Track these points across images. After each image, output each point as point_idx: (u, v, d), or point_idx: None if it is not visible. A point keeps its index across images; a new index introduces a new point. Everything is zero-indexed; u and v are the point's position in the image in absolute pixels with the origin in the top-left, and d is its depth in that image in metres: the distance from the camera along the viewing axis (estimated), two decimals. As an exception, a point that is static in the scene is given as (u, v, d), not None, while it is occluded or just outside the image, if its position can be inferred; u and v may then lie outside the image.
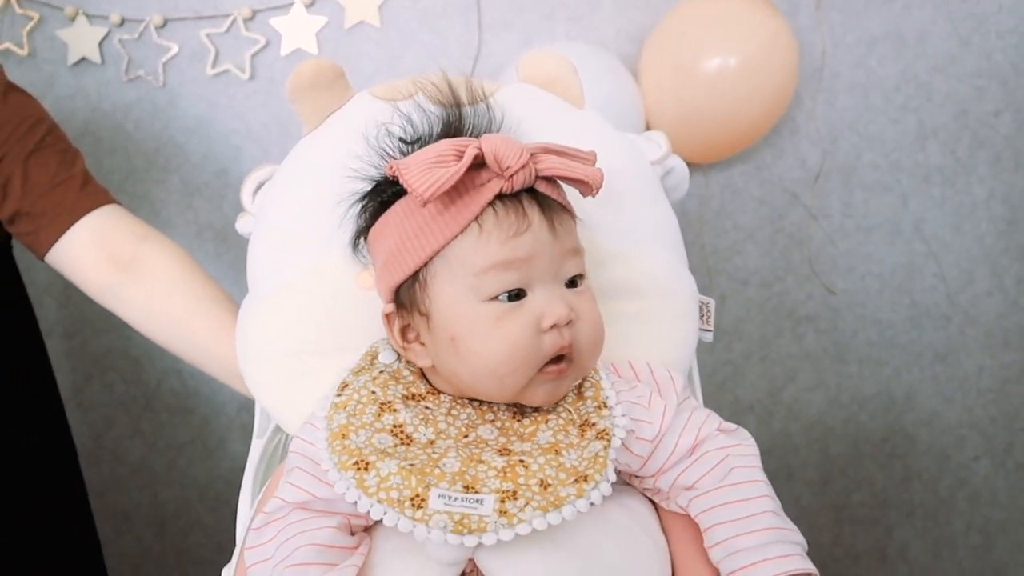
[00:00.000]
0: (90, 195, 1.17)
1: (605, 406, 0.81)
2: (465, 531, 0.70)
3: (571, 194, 0.82)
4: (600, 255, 0.93)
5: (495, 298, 0.77)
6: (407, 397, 0.82)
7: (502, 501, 0.72)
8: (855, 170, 1.78)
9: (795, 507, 1.91)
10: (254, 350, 0.97)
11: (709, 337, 1.01)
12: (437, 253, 0.78)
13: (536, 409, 0.83)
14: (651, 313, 0.96)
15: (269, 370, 0.96)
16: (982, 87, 1.74)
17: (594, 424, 0.80)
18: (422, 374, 0.85)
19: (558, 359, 0.79)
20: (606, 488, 0.74)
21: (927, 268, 1.83)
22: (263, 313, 0.97)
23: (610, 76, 1.55)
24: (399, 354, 0.86)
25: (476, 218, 0.76)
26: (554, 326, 0.77)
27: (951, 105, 1.75)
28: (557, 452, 0.77)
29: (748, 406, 1.90)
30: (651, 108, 1.60)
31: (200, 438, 1.80)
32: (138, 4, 1.62)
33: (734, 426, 0.87)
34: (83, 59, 1.63)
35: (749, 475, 0.82)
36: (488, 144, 0.75)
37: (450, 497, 0.72)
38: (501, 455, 0.76)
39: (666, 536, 0.85)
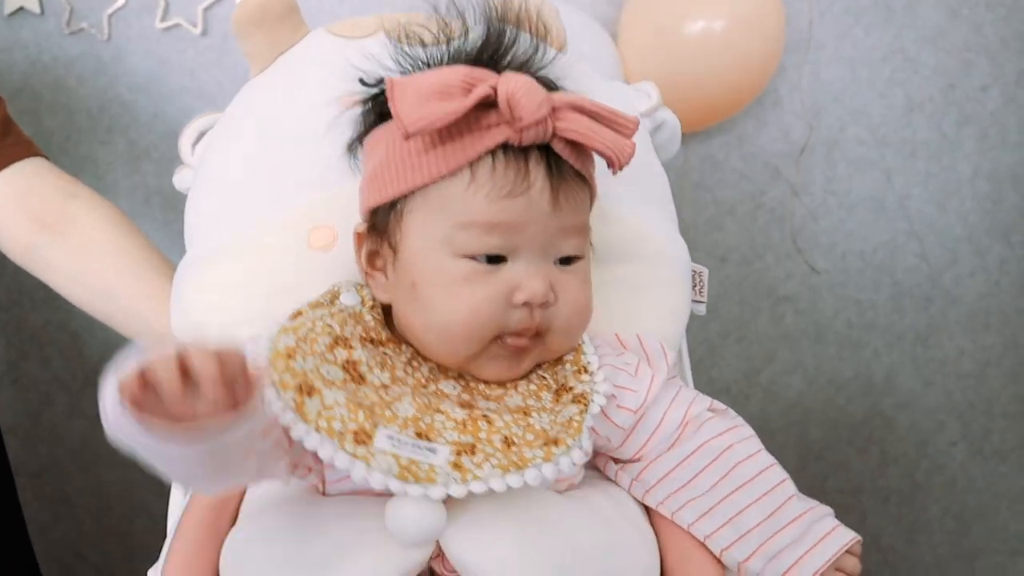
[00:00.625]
0: (11, 146, 1.05)
1: (586, 371, 0.73)
2: (411, 478, 0.61)
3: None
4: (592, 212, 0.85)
5: (471, 257, 0.68)
6: (365, 339, 0.72)
7: (458, 454, 0.63)
8: (839, 144, 1.71)
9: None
10: (190, 321, 0.86)
11: (702, 309, 0.93)
12: (419, 189, 0.69)
13: None
14: (639, 280, 0.88)
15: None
16: (970, 61, 1.68)
17: (571, 388, 0.71)
18: (385, 322, 0.76)
19: (518, 335, 0.70)
20: (579, 456, 0.66)
21: (910, 247, 1.77)
22: (201, 278, 0.86)
23: (587, 36, 1.46)
24: (362, 286, 0.77)
25: (471, 164, 0.67)
26: (526, 304, 0.68)
27: (938, 79, 1.69)
28: (526, 414, 0.68)
29: (724, 387, 1.83)
30: (630, 72, 1.51)
31: (146, 418, 1.69)
32: (81, -51, 1.50)
33: (723, 406, 0.79)
34: (21, 9, 1.50)
35: (755, 465, 0.74)
36: (506, 85, 0.65)
37: (399, 440, 0.62)
38: (463, 408, 0.68)
39: (656, 532, 0.77)
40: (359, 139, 0.77)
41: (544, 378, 0.73)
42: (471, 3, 0.75)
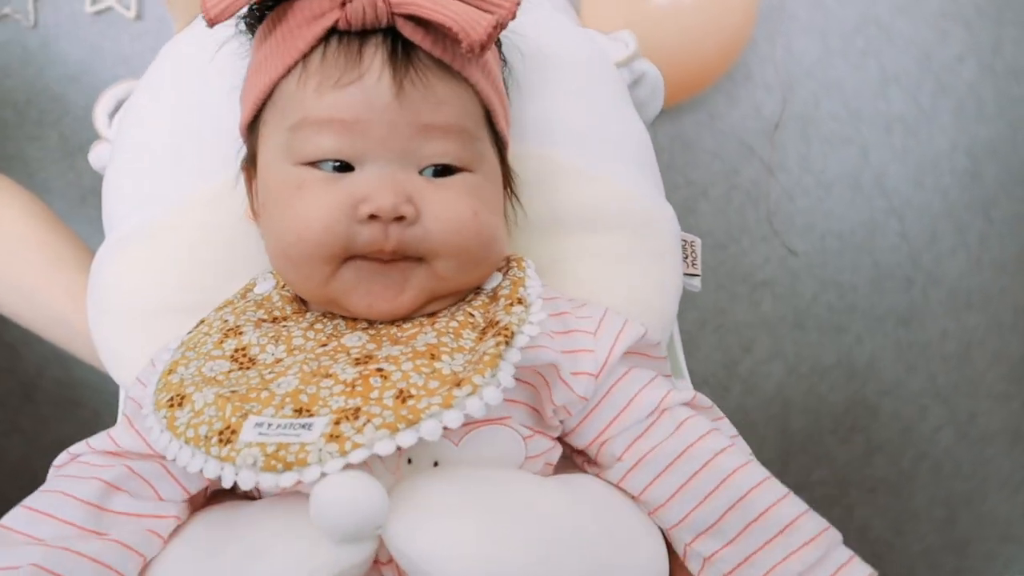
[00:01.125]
0: None
1: (519, 302, 0.61)
2: (279, 466, 0.50)
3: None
4: (551, 172, 0.75)
5: (314, 164, 0.60)
6: (263, 320, 0.64)
7: (337, 423, 0.52)
8: (813, 120, 1.64)
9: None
10: (111, 308, 0.76)
11: (696, 284, 0.83)
12: (268, 95, 0.62)
13: (427, 313, 0.63)
14: (622, 251, 0.76)
15: (125, 335, 0.75)
16: (946, 30, 1.62)
17: (498, 322, 0.59)
18: (296, 299, 0.67)
19: (391, 259, 0.61)
20: (492, 395, 0.53)
21: (889, 226, 1.71)
22: (120, 260, 0.76)
23: (547, 3, 1.38)
24: (280, 279, 0.69)
25: (304, 56, 0.60)
26: (375, 217, 0.58)
27: (913, 49, 1.63)
28: (433, 357, 0.57)
29: (703, 380, 1.75)
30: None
31: (89, 434, 1.55)
32: (1, -72, 1.39)
33: (709, 402, 0.67)
34: (-64, -6, 1.40)
35: (751, 476, 0.61)
36: None
37: (269, 425, 0.52)
38: (356, 364, 0.57)
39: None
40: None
41: (471, 315, 0.62)
42: None
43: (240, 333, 0.62)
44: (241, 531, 0.57)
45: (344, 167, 0.60)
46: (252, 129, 0.66)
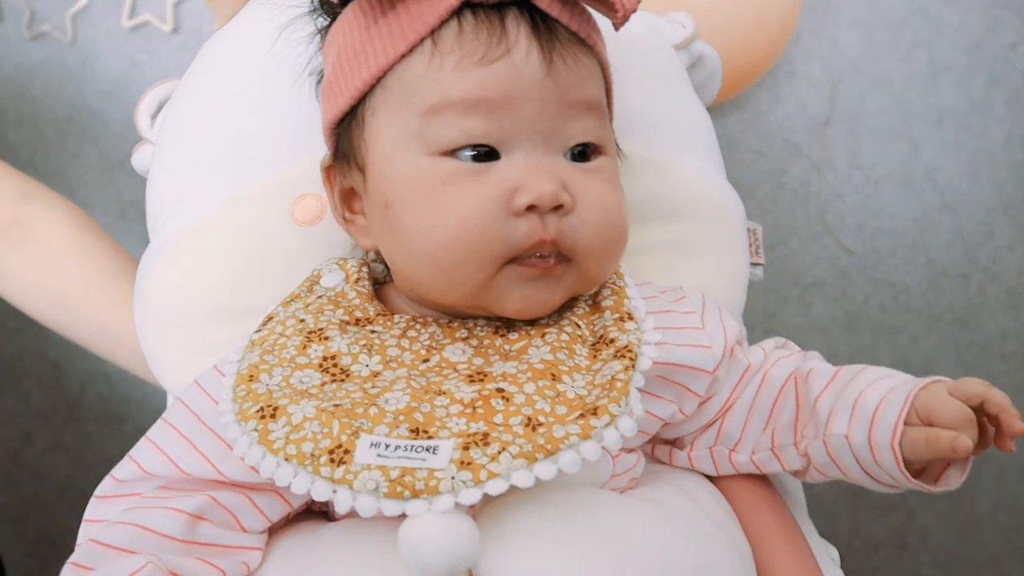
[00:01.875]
0: None
1: (630, 317, 0.59)
2: (407, 493, 0.47)
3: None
4: (623, 161, 0.72)
5: (452, 153, 0.55)
6: (347, 323, 0.59)
7: (465, 448, 0.48)
8: (861, 115, 1.59)
9: (809, 495, 1.72)
10: (155, 315, 0.73)
11: (760, 273, 0.80)
12: (379, 80, 0.56)
13: (530, 322, 0.59)
14: (691, 241, 0.75)
15: (175, 341, 0.72)
16: (996, 18, 1.57)
17: (613, 340, 0.57)
18: (374, 295, 0.63)
19: (542, 256, 0.56)
20: (627, 426, 0.51)
21: (943, 222, 1.66)
22: (167, 264, 0.74)
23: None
24: (347, 260, 0.65)
25: (432, 32, 0.54)
26: (532, 208, 0.54)
27: (963, 39, 1.57)
28: (555, 377, 0.54)
29: (753, 385, 1.71)
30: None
31: (134, 450, 1.57)
32: (39, -54, 1.39)
33: (783, 340, 0.70)
34: (-24, 15, 1.40)
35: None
36: None
37: (386, 446, 0.49)
38: (471, 382, 0.53)
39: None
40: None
41: (578, 327, 0.59)
42: None
43: (326, 338, 0.58)
44: (322, 563, 0.54)
45: (486, 156, 0.55)
46: (346, 123, 0.61)
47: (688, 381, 0.61)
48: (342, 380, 0.55)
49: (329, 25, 0.63)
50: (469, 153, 0.55)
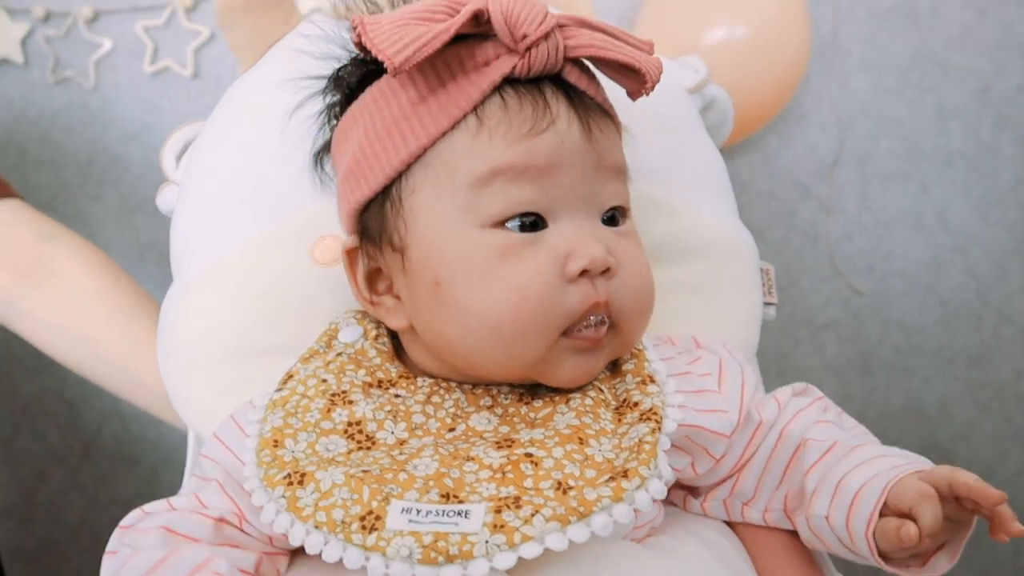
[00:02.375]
0: None
1: (651, 380, 0.60)
2: (440, 558, 0.47)
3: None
4: (633, 204, 0.74)
5: (501, 224, 0.55)
6: (370, 385, 0.60)
7: (497, 511, 0.49)
8: (871, 157, 1.61)
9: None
10: (177, 353, 0.74)
11: (773, 313, 0.81)
12: (417, 158, 0.56)
13: (554, 388, 0.60)
14: (706, 281, 0.76)
15: (197, 379, 0.73)
16: (1003, 61, 1.59)
17: (636, 404, 0.57)
18: (395, 353, 0.63)
19: (595, 323, 0.57)
20: (657, 489, 0.52)
21: (954, 263, 1.66)
22: (190, 303, 0.75)
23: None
24: (368, 324, 0.65)
25: (475, 108, 0.55)
26: (585, 272, 0.55)
27: (971, 82, 1.59)
28: (582, 441, 0.54)
29: (767, 426, 1.70)
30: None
31: (148, 491, 1.56)
32: (64, -5, 1.43)
33: (803, 384, 0.68)
34: (4, 60, 1.44)
35: (854, 426, 0.64)
36: (497, 2, 0.53)
37: (418, 511, 0.49)
38: (500, 448, 0.54)
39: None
40: (327, 147, 0.66)
41: (601, 390, 0.60)
42: None
43: (350, 402, 0.58)
44: None
45: (532, 225, 0.56)
46: (376, 204, 0.60)
47: (707, 444, 0.62)
48: (368, 448, 0.56)
49: (341, 103, 0.64)
50: (518, 223, 0.56)
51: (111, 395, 1.55)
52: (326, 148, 0.67)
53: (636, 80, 0.58)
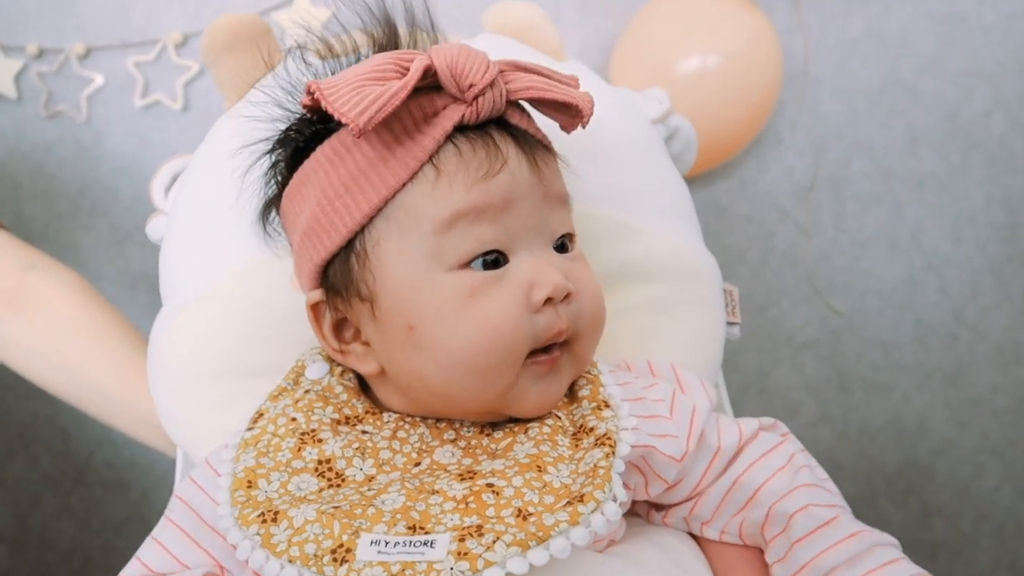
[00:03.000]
0: None
1: (606, 405, 0.63)
2: None
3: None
4: (597, 229, 0.77)
5: (466, 265, 0.58)
6: (339, 422, 0.62)
7: (461, 540, 0.52)
8: (845, 180, 1.65)
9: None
10: (167, 373, 0.78)
11: (737, 332, 0.84)
12: (379, 211, 0.59)
13: (511, 419, 0.63)
14: (667, 302, 0.79)
15: (186, 398, 0.77)
16: (970, 86, 1.63)
17: (592, 429, 0.60)
18: (360, 389, 0.66)
19: (548, 347, 0.60)
20: (612, 511, 0.55)
21: (929, 282, 1.70)
22: (179, 327, 0.78)
23: (582, 81, 1.42)
24: (333, 361, 0.67)
25: (431, 157, 0.58)
26: (549, 300, 0.58)
27: (940, 107, 1.64)
28: (540, 469, 0.57)
29: (749, 444, 1.73)
30: (625, 118, 1.47)
31: (140, 515, 1.59)
32: (57, 32, 1.47)
33: (771, 420, 0.70)
34: (-3, 95, 1.47)
35: (813, 476, 0.65)
36: (441, 56, 0.57)
37: (386, 543, 0.52)
38: (463, 480, 0.57)
39: None
40: (273, 204, 0.68)
41: (558, 417, 0.63)
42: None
43: (319, 440, 0.61)
44: None
45: (493, 263, 0.59)
46: (339, 259, 0.63)
47: (659, 468, 0.64)
48: (338, 485, 0.59)
49: (288, 160, 0.65)
50: (481, 262, 0.59)
51: (80, 409, 1.58)
52: (272, 204, 0.69)
53: (571, 115, 0.62)
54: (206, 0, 1.49)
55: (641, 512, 0.71)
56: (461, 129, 0.59)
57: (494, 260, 0.59)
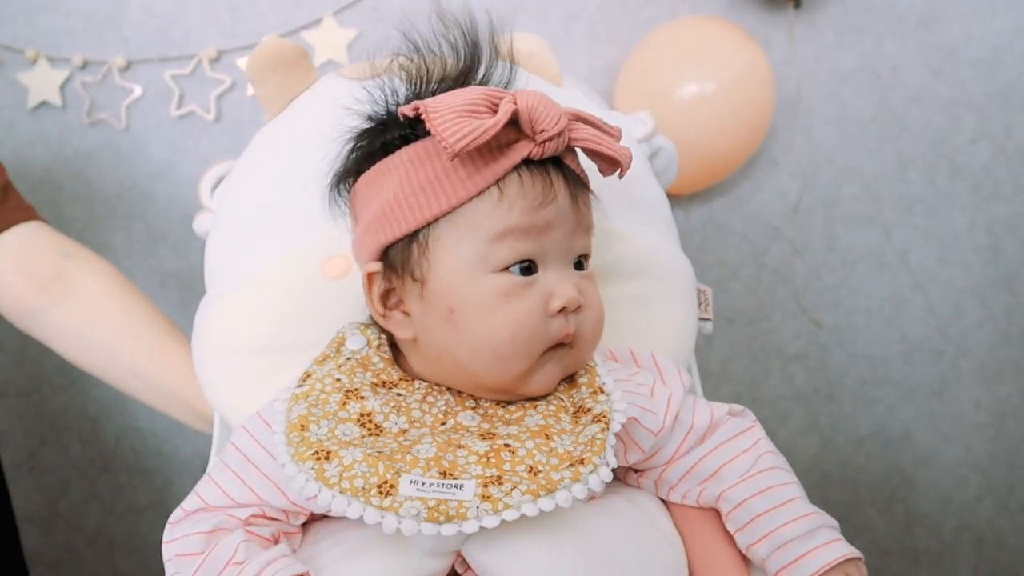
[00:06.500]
0: (10, 211, 1.08)
1: (602, 391, 0.75)
2: (441, 518, 0.62)
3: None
4: (600, 232, 0.88)
5: (505, 269, 0.70)
6: (377, 385, 0.74)
7: (485, 486, 0.64)
8: (836, 202, 1.75)
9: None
10: (212, 347, 0.89)
11: (709, 327, 0.94)
12: (446, 214, 0.70)
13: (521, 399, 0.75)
14: (647, 296, 0.90)
15: (228, 370, 0.88)
16: (957, 116, 1.73)
17: (589, 409, 0.73)
18: (394, 360, 0.77)
19: (556, 345, 0.72)
20: (605, 473, 0.67)
21: (915, 300, 1.79)
22: (223, 309, 0.90)
23: (585, 104, 1.52)
24: (374, 324, 0.78)
25: (498, 181, 0.69)
26: (563, 310, 0.71)
27: (928, 135, 1.73)
28: (548, 437, 0.69)
29: (740, 451, 1.82)
30: (628, 138, 1.57)
31: (162, 501, 1.69)
32: (101, 46, 1.58)
33: (740, 407, 0.81)
34: (44, 103, 1.58)
35: (775, 460, 0.77)
36: (524, 101, 0.68)
37: (424, 483, 0.64)
38: (484, 439, 0.69)
39: (682, 535, 0.78)
40: (347, 177, 0.78)
41: (561, 399, 0.74)
42: (456, 38, 0.77)
43: (361, 397, 0.72)
44: (339, 534, 0.71)
45: (528, 269, 0.70)
46: (402, 245, 0.72)
47: (638, 439, 0.76)
48: (377, 434, 0.69)
49: (376, 151, 0.75)
50: (519, 268, 0.70)
51: (130, 411, 1.68)
52: (344, 175, 0.78)
53: (612, 165, 0.73)
54: (240, 19, 1.60)
55: (619, 475, 0.81)
56: (526, 162, 0.70)
57: (527, 268, 0.71)
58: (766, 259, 1.76)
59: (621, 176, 0.74)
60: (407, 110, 0.69)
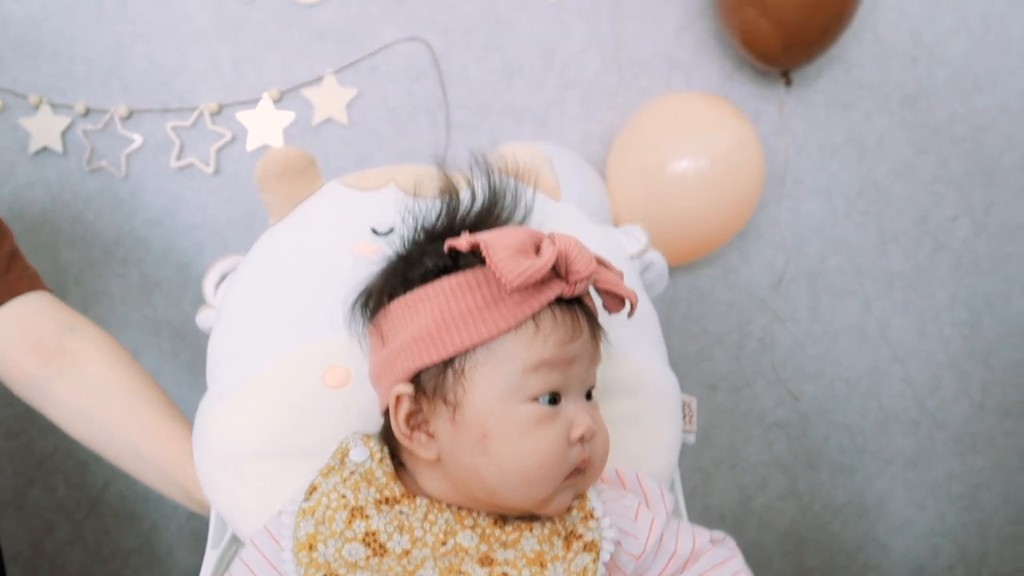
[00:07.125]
0: (15, 280, 1.09)
1: (592, 516, 0.78)
2: None
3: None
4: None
5: (535, 399, 0.74)
6: (380, 501, 0.76)
7: None
8: (820, 274, 1.79)
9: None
10: (212, 449, 0.90)
11: (692, 439, 0.98)
12: (485, 343, 0.74)
13: (519, 516, 0.78)
14: (639, 414, 0.93)
15: (228, 472, 0.88)
16: (940, 192, 1.77)
17: (581, 536, 0.76)
18: (395, 475, 0.80)
19: (574, 471, 0.76)
20: None
21: (894, 373, 1.83)
22: (224, 410, 0.90)
23: (578, 173, 1.56)
24: (377, 435, 0.81)
25: (533, 316, 0.73)
26: (581, 438, 0.75)
27: (911, 210, 1.78)
28: (542, 564, 0.73)
29: (719, 515, 1.84)
30: (619, 208, 1.61)
31: (148, 546, 1.70)
32: (104, 95, 1.61)
33: (721, 534, 0.84)
34: (45, 148, 1.61)
35: None
36: (562, 244, 0.72)
37: None
38: (483, 565, 0.72)
39: None
40: (376, 297, 0.80)
41: (554, 522, 0.78)
42: (472, 161, 0.81)
43: (366, 516, 0.75)
44: None
45: (554, 400, 0.74)
46: (436, 369, 0.75)
47: (621, 563, 0.78)
48: (382, 555, 0.73)
49: (418, 277, 0.77)
50: (547, 398, 0.74)
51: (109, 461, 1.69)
52: (377, 295, 0.80)
53: (621, 305, 0.78)
54: (242, 74, 1.63)
55: None
56: (561, 301, 0.75)
57: (553, 398, 0.74)
58: (751, 328, 1.79)
59: (630, 315, 0.78)
60: (462, 244, 0.73)
